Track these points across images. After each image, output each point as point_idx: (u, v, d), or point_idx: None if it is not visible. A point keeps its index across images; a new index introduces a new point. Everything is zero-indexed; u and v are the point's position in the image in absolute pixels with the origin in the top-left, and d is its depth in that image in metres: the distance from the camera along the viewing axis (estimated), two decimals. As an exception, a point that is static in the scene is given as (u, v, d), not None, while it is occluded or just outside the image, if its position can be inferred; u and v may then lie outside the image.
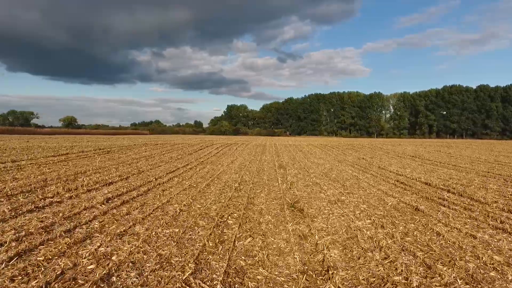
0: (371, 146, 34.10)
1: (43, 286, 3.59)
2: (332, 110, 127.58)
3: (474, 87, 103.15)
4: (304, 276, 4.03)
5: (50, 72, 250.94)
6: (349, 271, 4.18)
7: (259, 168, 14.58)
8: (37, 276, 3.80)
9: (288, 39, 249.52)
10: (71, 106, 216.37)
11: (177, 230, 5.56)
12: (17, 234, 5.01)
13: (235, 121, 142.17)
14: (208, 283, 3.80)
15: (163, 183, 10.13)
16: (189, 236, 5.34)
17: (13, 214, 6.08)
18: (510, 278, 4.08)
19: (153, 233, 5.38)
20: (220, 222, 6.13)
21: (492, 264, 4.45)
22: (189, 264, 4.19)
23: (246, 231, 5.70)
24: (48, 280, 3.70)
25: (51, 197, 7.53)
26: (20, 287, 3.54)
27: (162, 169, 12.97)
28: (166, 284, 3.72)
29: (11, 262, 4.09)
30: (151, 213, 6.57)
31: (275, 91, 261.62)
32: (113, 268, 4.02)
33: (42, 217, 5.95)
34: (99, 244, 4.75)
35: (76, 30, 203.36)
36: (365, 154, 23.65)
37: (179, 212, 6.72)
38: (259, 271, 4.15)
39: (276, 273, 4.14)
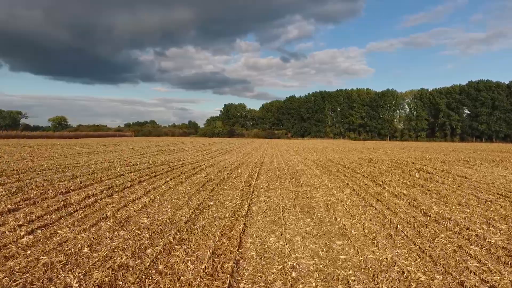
0: (437, 170, 18.12)
1: None
2: (339, 109, 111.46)
3: (507, 82, 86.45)
4: None
5: (52, 72, 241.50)
6: None
7: None
8: None
9: (291, 38, 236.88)
10: (73, 106, 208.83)
11: None
12: None
13: (233, 121, 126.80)
14: None
15: None
16: None
17: None
18: None
19: None
20: None
21: None
22: None
23: None
24: None
25: None
26: None
27: None
28: None
29: None
30: None
31: (278, 91, 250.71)
32: None
33: None
34: None
35: (79, 30, 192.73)
36: (473, 209, 7.94)
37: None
38: None
39: None
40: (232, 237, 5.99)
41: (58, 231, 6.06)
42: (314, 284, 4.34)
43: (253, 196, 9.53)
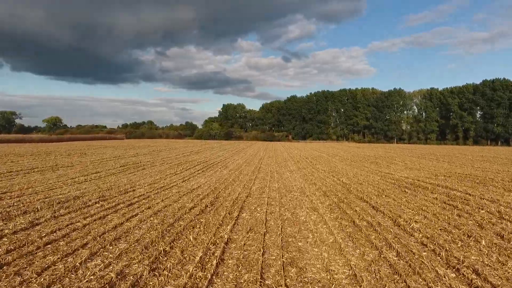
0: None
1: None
2: (342, 110, 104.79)
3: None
4: None
5: (53, 72, 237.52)
6: None
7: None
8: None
9: (293, 38, 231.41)
10: (74, 106, 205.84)
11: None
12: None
13: (231, 122, 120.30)
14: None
15: None
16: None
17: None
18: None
19: None
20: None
21: None
22: None
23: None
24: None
25: None
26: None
27: None
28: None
29: None
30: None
31: (279, 91, 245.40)
32: None
33: None
34: None
35: (80, 30, 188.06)
36: None
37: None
38: None
39: None
40: None
41: None
42: None
43: None
